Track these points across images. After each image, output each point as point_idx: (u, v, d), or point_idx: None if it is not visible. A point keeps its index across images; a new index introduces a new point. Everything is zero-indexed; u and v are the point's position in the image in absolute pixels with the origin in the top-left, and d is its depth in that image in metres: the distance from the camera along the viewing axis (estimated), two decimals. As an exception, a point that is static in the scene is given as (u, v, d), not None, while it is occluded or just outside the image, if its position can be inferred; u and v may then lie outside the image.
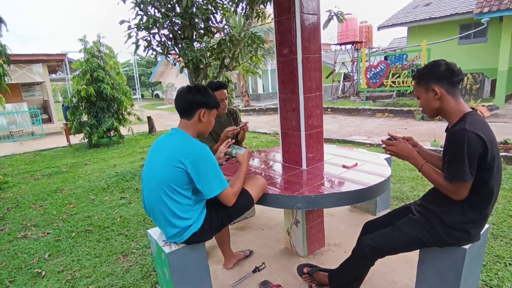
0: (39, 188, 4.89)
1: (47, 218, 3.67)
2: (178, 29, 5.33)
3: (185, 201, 1.56)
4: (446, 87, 1.45)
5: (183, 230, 1.58)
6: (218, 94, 2.72)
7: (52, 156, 7.75)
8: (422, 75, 1.50)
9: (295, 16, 1.97)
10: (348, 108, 11.94)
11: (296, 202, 1.75)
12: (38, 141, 10.67)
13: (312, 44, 2.06)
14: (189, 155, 1.51)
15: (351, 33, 16.63)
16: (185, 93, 1.62)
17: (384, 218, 1.81)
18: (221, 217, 1.68)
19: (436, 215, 1.48)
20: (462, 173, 1.33)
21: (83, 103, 8.48)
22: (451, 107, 1.46)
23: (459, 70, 1.45)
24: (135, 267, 2.58)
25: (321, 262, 2.33)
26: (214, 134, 2.82)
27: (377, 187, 1.84)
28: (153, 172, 1.59)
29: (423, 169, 1.51)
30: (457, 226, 1.43)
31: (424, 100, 1.52)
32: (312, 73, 2.11)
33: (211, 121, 1.72)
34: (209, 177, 1.54)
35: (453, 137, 1.37)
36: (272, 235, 2.80)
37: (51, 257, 2.82)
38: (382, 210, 3.08)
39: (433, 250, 1.53)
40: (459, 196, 1.39)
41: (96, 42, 8.44)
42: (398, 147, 1.59)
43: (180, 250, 1.61)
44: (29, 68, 11.95)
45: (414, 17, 13.26)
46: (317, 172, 2.12)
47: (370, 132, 8.09)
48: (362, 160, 2.32)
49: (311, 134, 2.19)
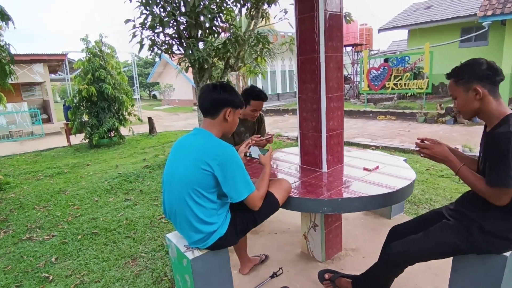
0: (41, 189, 4.79)
1: (51, 220, 3.58)
2: (183, 29, 5.27)
3: (210, 205, 1.49)
4: (488, 87, 1.38)
5: (208, 235, 1.50)
6: (255, 104, 2.54)
7: (53, 156, 7.64)
8: (461, 74, 1.42)
9: (319, 14, 1.91)
10: (349, 110, 11.90)
11: (321, 206, 1.69)
12: (37, 141, 10.53)
13: (335, 42, 2.01)
14: (216, 156, 1.44)
15: (352, 36, 16.65)
16: (210, 91, 1.55)
17: (412, 223, 1.74)
18: (246, 221, 1.61)
19: (474, 220, 1.42)
20: (506, 178, 1.26)
21: (84, 103, 8.38)
22: (492, 108, 1.39)
23: (500, 69, 1.39)
24: (145, 271, 2.50)
25: (339, 267, 2.26)
26: (236, 135, 2.72)
27: (404, 190, 1.78)
28: (177, 175, 1.52)
29: (460, 172, 1.44)
30: (498, 232, 1.36)
31: (463, 100, 1.44)
32: (334, 73, 2.05)
33: (236, 121, 1.65)
34: (236, 180, 1.47)
35: (496, 140, 1.30)
36: (286, 239, 2.73)
37: (58, 260, 2.73)
38: (397, 214, 3.02)
39: (468, 258, 1.46)
40: (501, 202, 1.32)
41: (98, 42, 8.36)
42: (433, 150, 1.52)
43: (204, 256, 1.54)
44: (30, 68, 11.83)
45: (415, 20, 13.30)
46: (339, 175, 2.06)
47: (374, 134, 8.05)
48: (382, 162, 2.26)
49: (332, 136, 2.13)
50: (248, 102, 2.54)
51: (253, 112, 2.58)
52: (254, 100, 2.51)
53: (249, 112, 2.58)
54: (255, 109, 2.56)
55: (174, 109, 21.45)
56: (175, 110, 20.61)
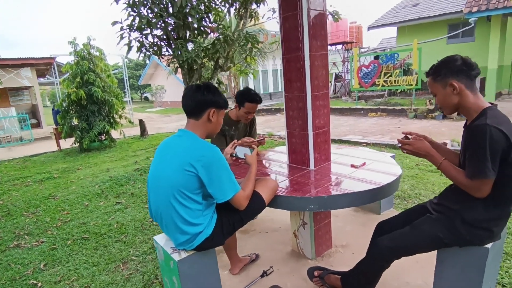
0: (30, 195, 4.72)
1: (40, 226, 3.52)
2: (171, 30, 5.24)
3: (195, 206, 1.48)
4: (464, 81, 1.41)
5: (193, 236, 1.50)
6: (249, 107, 2.55)
7: (42, 161, 7.53)
8: (438, 71, 1.46)
9: (302, 12, 1.91)
10: (341, 108, 11.98)
11: (308, 203, 1.69)
12: (27, 146, 10.38)
13: (319, 41, 2.02)
14: (201, 157, 1.44)
15: (341, 34, 16.77)
16: (193, 92, 1.54)
17: (398, 218, 1.76)
18: (232, 222, 1.61)
19: (457, 213, 1.44)
20: (485, 169, 1.29)
21: (74, 106, 8.27)
22: (470, 102, 1.42)
23: (475, 64, 1.42)
24: (135, 275, 2.48)
25: (329, 264, 2.28)
26: (230, 139, 2.70)
27: (390, 185, 1.80)
28: (161, 177, 1.51)
29: (442, 166, 1.47)
30: (480, 224, 1.39)
31: (442, 96, 1.48)
32: (319, 71, 2.06)
33: (220, 121, 1.65)
34: (221, 180, 1.46)
35: (474, 133, 1.33)
36: (276, 237, 2.74)
37: (47, 267, 2.69)
38: (386, 210, 3.05)
39: (452, 250, 1.48)
40: (481, 193, 1.35)
41: (86, 45, 8.26)
42: (415, 145, 1.54)
43: (190, 257, 1.53)
44: (17, 72, 11.63)
45: (403, 17, 13.42)
46: (326, 172, 2.07)
47: (365, 131, 8.11)
48: (369, 159, 2.28)
49: (319, 134, 2.14)
50: (242, 104, 2.55)
51: (246, 114, 2.58)
52: (249, 103, 2.51)
53: (243, 114, 2.59)
54: (249, 111, 2.56)
55: (166, 111, 21.33)
56: (167, 112, 20.50)
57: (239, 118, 2.69)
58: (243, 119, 2.65)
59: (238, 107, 2.60)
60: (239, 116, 2.67)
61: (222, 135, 2.72)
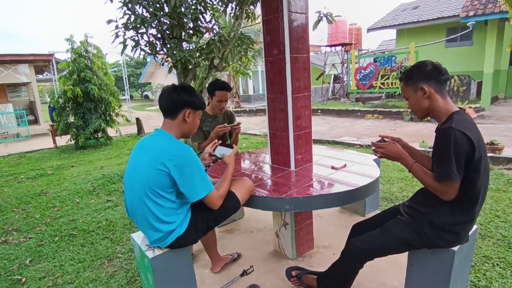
0: (22, 191, 4.74)
1: (29, 222, 3.55)
2: (166, 29, 5.26)
3: (168, 204, 1.51)
4: (434, 86, 1.45)
5: (166, 234, 1.52)
6: (219, 94, 2.69)
7: (37, 158, 7.55)
8: (409, 75, 1.50)
9: (283, 15, 1.94)
10: (338, 110, 12.01)
11: (283, 204, 1.72)
12: (23, 142, 10.40)
13: (300, 43, 2.04)
14: (173, 157, 1.46)
15: (341, 35, 16.76)
16: (170, 92, 1.57)
17: (373, 219, 1.79)
18: (206, 220, 1.63)
19: (424, 216, 1.47)
20: (449, 172, 1.32)
21: (70, 104, 8.30)
22: (439, 106, 1.46)
23: (445, 69, 1.46)
24: (120, 272, 2.51)
25: (310, 264, 2.30)
26: (208, 134, 2.76)
27: (366, 188, 1.82)
28: (135, 175, 1.53)
29: (412, 169, 1.49)
30: (446, 227, 1.42)
31: (413, 100, 1.52)
32: (300, 73, 2.08)
33: (196, 122, 1.67)
34: (194, 180, 1.49)
35: (439, 136, 1.37)
36: (260, 237, 2.76)
37: (33, 262, 2.71)
38: (371, 211, 3.07)
39: (422, 252, 1.51)
40: (448, 196, 1.37)
41: (83, 42, 8.28)
42: (387, 148, 1.58)
43: (164, 255, 1.56)
44: (15, 68, 11.64)
45: (403, 20, 13.46)
46: (306, 174, 2.09)
47: (360, 133, 8.13)
48: (351, 161, 2.30)
49: (300, 135, 2.16)
50: (213, 93, 2.69)
51: (219, 103, 2.71)
52: (219, 90, 2.66)
53: (215, 103, 2.72)
54: (221, 99, 2.69)
55: (164, 110, 21.28)
56: (165, 111, 20.46)
57: (214, 109, 2.80)
58: (218, 109, 2.76)
59: (210, 98, 2.74)
60: (213, 108, 2.79)
61: (200, 130, 2.79)
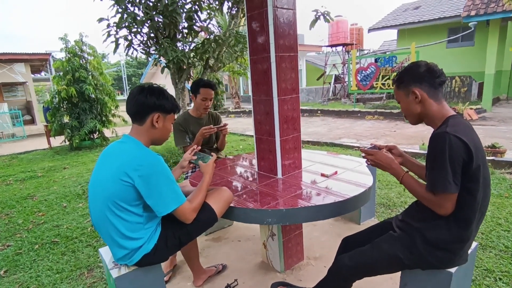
0: (8, 195, 4.60)
1: (10, 228, 3.41)
2: (159, 28, 5.12)
3: (134, 218, 1.35)
4: (427, 89, 1.30)
5: (132, 251, 1.37)
6: (203, 92, 2.59)
7: (29, 159, 7.42)
8: (401, 78, 1.36)
9: (267, 11, 1.79)
10: (338, 110, 11.84)
11: (265, 216, 1.57)
12: (18, 143, 10.29)
13: (287, 41, 1.89)
14: (138, 167, 1.31)
15: (342, 35, 16.59)
16: (136, 95, 1.41)
17: (364, 233, 1.64)
18: (178, 236, 1.48)
19: (417, 231, 1.32)
20: (445, 182, 1.17)
21: (65, 104, 8.18)
22: (433, 111, 1.31)
23: (440, 71, 1.30)
24: (99, 283, 2.36)
25: (298, 278, 2.15)
26: (193, 136, 2.63)
27: (357, 198, 1.67)
28: (98, 186, 1.38)
29: (403, 180, 1.35)
30: (442, 244, 1.26)
31: (405, 104, 1.38)
32: (287, 73, 1.93)
33: (167, 127, 1.51)
34: (162, 191, 1.33)
35: (433, 141, 1.22)
36: (249, 247, 2.61)
37: (8, 273, 2.57)
38: (367, 219, 2.92)
39: (415, 273, 1.35)
40: (444, 209, 1.22)
41: (78, 41, 8.15)
42: (377, 156, 1.43)
43: (130, 274, 1.41)
44: (10, 67, 11.52)
45: (404, 20, 13.28)
46: (293, 182, 1.94)
47: (360, 135, 7.98)
48: (343, 167, 2.15)
49: (287, 140, 2.02)
50: (197, 91, 2.59)
51: (203, 101, 2.60)
52: (203, 88, 2.56)
53: (200, 102, 2.61)
54: (205, 97, 2.59)
55: (164, 110, 21.17)
56: (165, 111, 20.34)
57: (199, 112, 2.69)
58: (202, 109, 2.65)
59: (194, 98, 2.63)
60: (197, 108, 2.68)
61: (184, 132, 2.67)
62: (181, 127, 2.63)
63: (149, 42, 5.48)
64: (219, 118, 2.82)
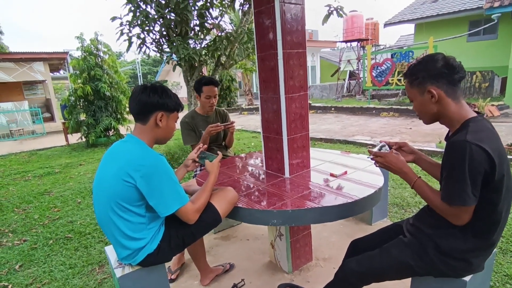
0: (26, 190, 4.74)
1: (27, 224, 3.50)
2: (170, 26, 5.13)
3: (137, 219, 1.35)
4: (445, 88, 1.18)
5: (135, 252, 1.36)
6: (207, 90, 2.56)
7: (48, 156, 7.64)
8: (415, 73, 1.23)
9: (275, 6, 1.74)
10: (352, 107, 11.63)
11: (270, 217, 1.53)
12: (38, 140, 10.61)
13: (295, 37, 1.83)
14: (140, 167, 1.29)
15: (357, 30, 16.27)
16: (138, 93, 1.40)
17: (373, 236, 1.57)
18: (182, 236, 1.46)
19: (430, 238, 1.24)
20: (463, 195, 1.08)
21: (81, 102, 8.36)
22: (452, 112, 1.20)
23: (459, 66, 1.18)
24: (109, 280, 2.39)
25: (306, 279, 2.11)
26: (200, 135, 2.61)
27: (366, 200, 1.61)
28: (101, 186, 1.38)
29: (416, 186, 1.26)
30: (455, 254, 1.19)
31: (419, 103, 1.25)
32: (295, 71, 1.88)
33: (171, 126, 1.50)
34: (163, 192, 1.32)
35: (451, 150, 1.11)
36: (257, 246, 2.59)
37: (22, 268, 2.64)
38: (379, 220, 2.84)
39: (427, 280, 1.29)
40: (460, 221, 1.14)
41: (93, 40, 8.30)
42: (387, 159, 1.34)
43: (134, 274, 1.40)
44: (30, 66, 11.86)
45: (422, 14, 12.87)
46: (300, 182, 1.90)
47: (374, 132, 7.80)
48: (353, 167, 2.09)
49: (295, 139, 1.97)
50: (201, 90, 2.56)
51: (208, 99, 2.57)
52: (205, 86, 2.53)
53: (204, 100, 2.58)
54: (209, 95, 2.56)
55: (178, 107, 21.38)
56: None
57: (204, 107, 2.66)
58: (207, 107, 2.62)
59: (199, 97, 2.61)
60: (203, 107, 2.66)
61: (193, 132, 2.65)
62: (189, 126, 2.62)
63: (162, 40, 5.50)
64: (227, 115, 2.79)
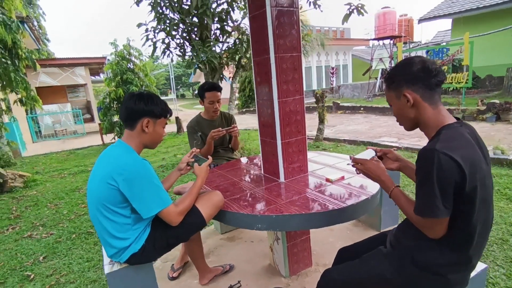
0: (61, 187, 5.13)
1: (56, 218, 3.80)
2: (191, 30, 5.29)
3: (122, 220, 1.43)
4: (421, 92, 1.14)
5: (121, 250, 1.45)
6: (209, 95, 2.60)
7: (84, 155, 8.18)
8: (391, 77, 1.20)
9: (266, 11, 1.75)
10: (382, 107, 11.21)
11: (255, 222, 1.55)
12: (79, 139, 11.40)
13: (288, 41, 1.83)
14: (123, 171, 1.37)
15: (389, 27, 15.66)
16: (126, 101, 1.49)
17: (360, 245, 1.53)
18: (166, 238, 1.53)
19: (408, 251, 1.19)
20: (433, 207, 1.02)
21: (114, 104, 8.86)
22: (427, 117, 1.15)
23: (437, 69, 1.13)
24: (120, 274, 2.53)
25: (303, 284, 2.09)
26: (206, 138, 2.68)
27: (355, 207, 1.57)
28: (91, 188, 1.48)
29: (392, 194, 1.23)
30: (431, 267, 1.12)
31: (397, 108, 1.22)
32: (289, 74, 1.87)
33: (158, 131, 1.57)
34: (144, 195, 1.39)
35: (421, 159, 1.06)
36: (260, 248, 2.60)
37: (46, 259, 2.87)
38: (389, 226, 2.73)
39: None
40: (434, 233, 1.09)
41: (126, 45, 8.76)
42: (366, 166, 1.32)
43: (122, 271, 1.49)
44: (72, 71, 12.80)
45: (460, 8, 12.09)
46: (294, 187, 1.89)
47: (402, 133, 7.47)
48: (352, 172, 2.03)
49: (290, 143, 1.96)
50: (203, 95, 2.60)
51: (211, 104, 2.61)
52: (208, 92, 2.57)
53: (208, 105, 2.63)
54: (212, 100, 2.59)
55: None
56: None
57: (208, 112, 2.70)
58: (211, 111, 2.66)
59: (202, 103, 2.66)
60: (207, 112, 2.70)
61: (198, 136, 2.71)
62: (194, 130, 2.69)
63: (186, 44, 5.69)
64: (232, 118, 2.83)
